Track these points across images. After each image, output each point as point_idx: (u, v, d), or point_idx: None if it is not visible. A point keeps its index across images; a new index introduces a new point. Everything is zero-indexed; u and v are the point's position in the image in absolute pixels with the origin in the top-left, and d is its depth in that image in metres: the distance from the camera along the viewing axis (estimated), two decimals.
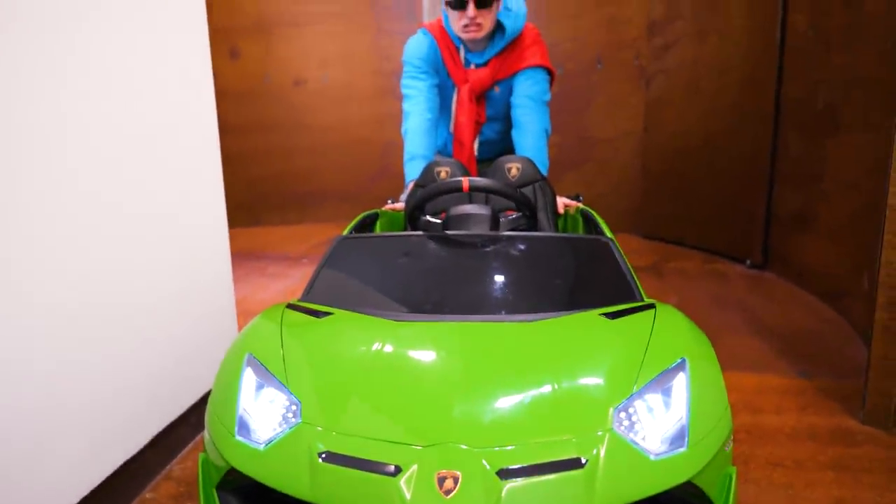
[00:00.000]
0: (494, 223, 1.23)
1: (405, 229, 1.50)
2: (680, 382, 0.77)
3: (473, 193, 1.37)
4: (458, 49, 1.88)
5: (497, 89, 1.87)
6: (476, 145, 1.93)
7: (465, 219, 1.24)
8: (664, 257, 2.73)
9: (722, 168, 2.70)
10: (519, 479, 0.67)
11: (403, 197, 1.65)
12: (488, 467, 0.67)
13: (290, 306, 0.98)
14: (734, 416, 1.17)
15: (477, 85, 1.85)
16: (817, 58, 2.13)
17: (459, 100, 1.88)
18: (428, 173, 1.54)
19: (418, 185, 1.55)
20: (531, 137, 1.79)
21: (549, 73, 1.88)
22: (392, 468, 0.68)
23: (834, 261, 1.98)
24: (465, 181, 1.23)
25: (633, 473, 0.69)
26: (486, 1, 1.74)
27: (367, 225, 1.50)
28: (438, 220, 1.29)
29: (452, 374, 0.80)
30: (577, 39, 3.31)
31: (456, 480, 0.66)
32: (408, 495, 0.66)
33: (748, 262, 2.54)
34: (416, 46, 1.90)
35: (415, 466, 0.68)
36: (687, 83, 2.86)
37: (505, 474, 0.67)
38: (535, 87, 1.83)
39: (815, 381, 1.43)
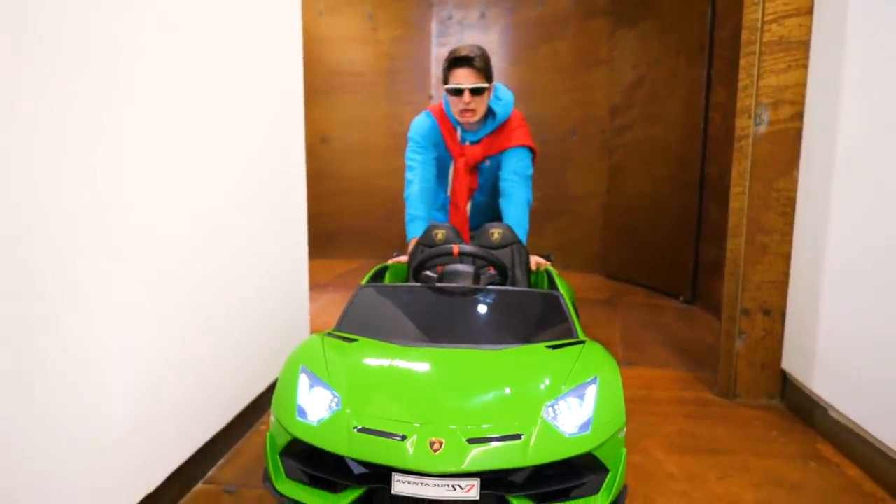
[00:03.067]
0: (476, 278, 1.63)
1: (408, 280, 1.86)
2: (591, 391, 1.11)
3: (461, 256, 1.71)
4: (455, 128, 2.22)
5: (487, 162, 2.24)
6: (469, 208, 2.31)
7: (455, 274, 1.64)
8: (617, 293, 3.44)
9: (663, 224, 3.44)
10: (481, 444, 1.00)
11: (409, 250, 1.99)
12: (462, 437, 1.00)
13: (328, 334, 1.34)
14: (642, 391, 1.88)
15: (471, 159, 2.21)
16: (728, 146, 2.88)
17: (456, 170, 2.24)
18: (428, 234, 1.89)
19: (420, 243, 1.90)
20: (515, 206, 2.16)
21: (532, 151, 2.24)
22: (401, 436, 1.01)
23: None
24: (456, 248, 1.64)
25: (553, 445, 1.02)
26: (479, 90, 2.07)
27: (379, 275, 1.87)
28: (435, 274, 1.71)
29: (441, 380, 1.16)
30: (557, 115, 4.09)
31: (441, 444, 0.99)
32: (410, 451, 0.99)
33: (681, 297, 3.25)
34: (420, 125, 2.24)
35: (415, 435, 1.00)
36: (639, 156, 3.62)
37: (472, 441, 1.00)
38: (520, 163, 2.18)
39: (695, 374, 2.11)
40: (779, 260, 1.85)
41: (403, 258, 1.99)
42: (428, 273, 1.72)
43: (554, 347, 1.27)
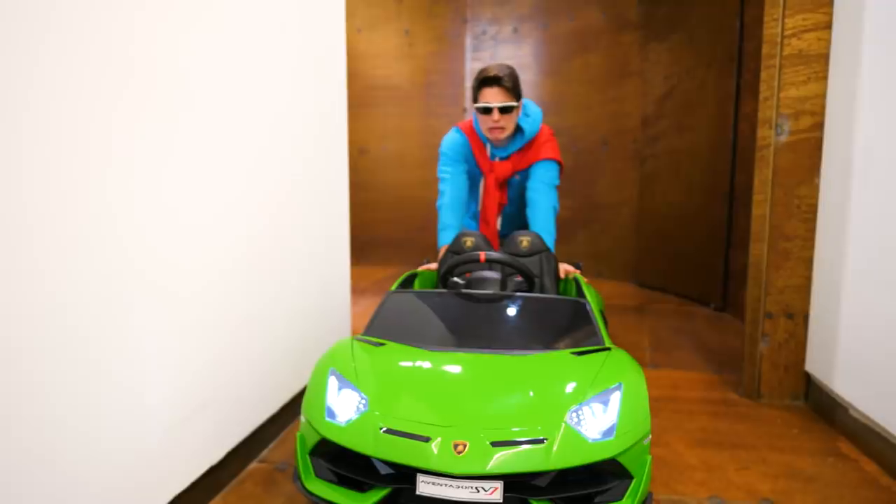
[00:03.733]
0: (503, 285, 1.69)
1: (437, 286, 1.91)
2: (615, 398, 1.13)
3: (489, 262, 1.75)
4: (485, 145, 2.29)
5: (517, 177, 2.32)
6: (499, 221, 2.39)
7: (482, 281, 1.70)
8: (649, 300, 3.50)
9: (694, 233, 3.49)
10: (504, 447, 1.02)
11: (440, 257, 2.05)
12: (486, 440, 1.02)
13: (357, 338, 1.39)
14: (668, 391, 1.96)
15: (501, 175, 2.27)
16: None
17: (486, 187, 2.31)
18: (457, 241, 1.94)
19: (450, 250, 1.94)
20: (542, 214, 2.21)
21: (559, 164, 2.30)
22: (426, 438, 1.03)
23: None
24: (483, 255, 1.67)
25: (577, 450, 1.03)
26: (508, 108, 2.12)
27: (408, 281, 1.91)
28: (462, 281, 1.73)
29: (467, 384, 1.18)
30: (588, 125, 4.18)
31: (465, 446, 1.01)
32: (435, 452, 1.01)
33: (712, 305, 3.30)
34: (451, 141, 2.32)
35: (440, 437, 1.03)
36: (669, 166, 3.69)
37: (496, 444, 1.02)
38: (547, 174, 2.25)
39: (721, 376, 2.18)
40: (801, 264, 1.91)
41: (433, 265, 2.06)
42: (456, 279, 1.77)
43: (579, 354, 1.29)
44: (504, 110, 2.13)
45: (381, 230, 4.70)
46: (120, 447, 1.05)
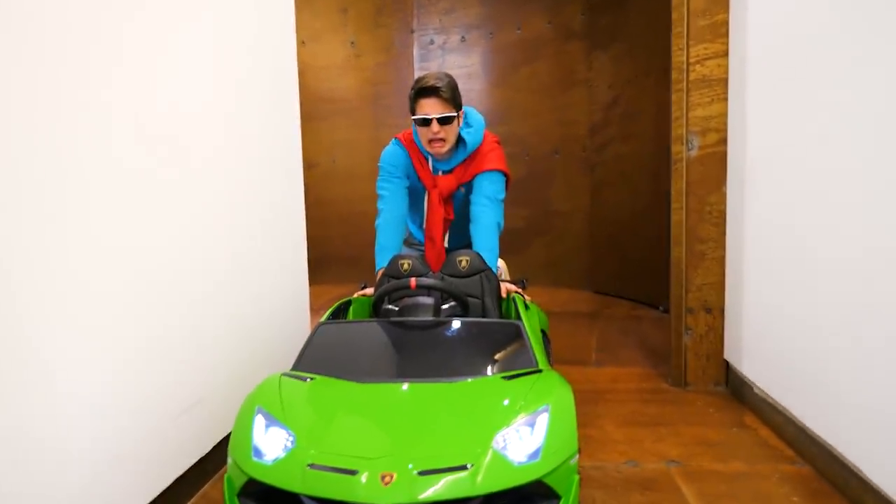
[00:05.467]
0: (437, 310, 1.82)
1: (372, 314, 2.04)
2: (542, 420, 1.26)
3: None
4: (426, 158, 2.40)
5: (462, 190, 2.46)
6: (447, 237, 2.52)
7: (415, 307, 1.83)
8: (603, 306, 4.01)
9: (642, 237, 4.03)
10: (431, 476, 1.13)
11: (376, 282, 2.18)
12: (413, 470, 1.13)
13: (285, 374, 1.52)
14: (607, 384, 2.43)
15: (445, 190, 2.39)
16: None
17: (430, 202, 2.43)
18: (393, 264, 2.08)
19: (385, 273, 2.09)
20: (483, 231, 2.31)
21: (505, 175, 2.41)
22: (353, 471, 1.14)
23: None
24: (413, 282, 1.85)
25: (502, 474, 1.15)
26: (447, 119, 2.23)
27: (342, 310, 2.03)
28: (396, 308, 1.89)
29: (397, 415, 1.32)
30: (539, 134, 4.70)
31: (392, 477, 1.12)
32: (362, 485, 1.12)
33: (661, 307, 3.83)
34: (390, 155, 2.43)
35: (368, 470, 1.13)
36: (617, 173, 4.23)
37: (423, 473, 1.13)
38: (492, 186, 2.36)
39: (658, 370, 2.68)
40: (715, 264, 2.42)
41: (370, 290, 2.19)
42: (389, 307, 1.92)
43: (510, 378, 1.44)
44: (443, 121, 2.24)
45: (334, 247, 5.11)
46: (146, 436, 1.45)
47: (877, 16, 1.45)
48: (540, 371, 1.50)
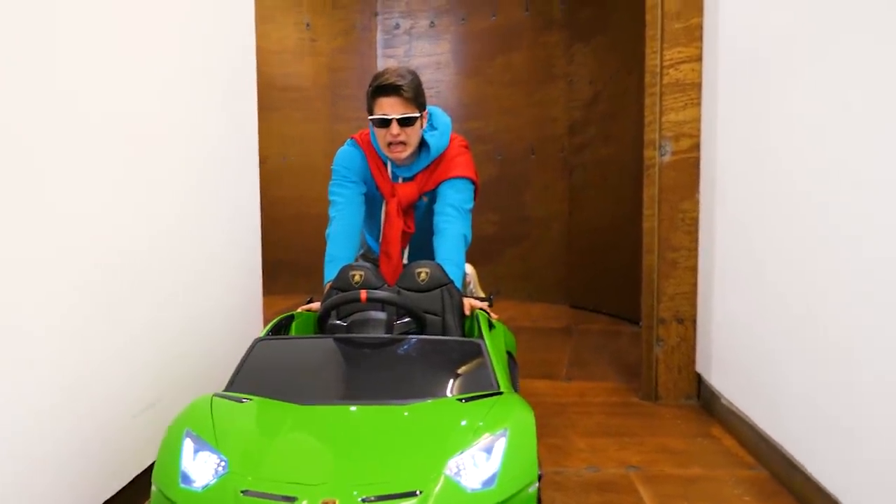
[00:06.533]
0: (389, 327, 1.94)
1: (317, 330, 2.14)
2: (500, 445, 1.36)
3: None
4: (384, 163, 2.51)
5: (424, 199, 2.58)
6: (406, 252, 2.63)
7: (364, 323, 1.93)
8: (578, 321, 4.38)
9: (623, 247, 4.40)
10: (376, 503, 1.22)
11: (324, 295, 2.29)
12: (357, 497, 1.22)
13: (218, 395, 1.60)
14: (575, 398, 2.78)
15: (405, 199, 2.50)
16: None
17: (387, 213, 2.54)
18: (342, 276, 2.17)
19: (333, 286, 2.18)
20: (448, 244, 2.41)
21: (473, 183, 2.56)
22: (292, 497, 1.22)
23: None
24: (364, 294, 1.93)
25: (454, 501, 1.25)
26: (409, 120, 2.34)
27: (284, 326, 2.13)
28: (344, 323, 1.99)
29: (342, 439, 1.43)
30: (514, 132, 5.07)
31: None
32: None
33: (641, 323, 4.20)
34: (346, 157, 2.54)
35: (307, 498, 1.22)
36: (598, 176, 4.62)
37: (367, 500, 1.22)
38: (458, 195, 2.49)
39: (630, 385, 3.04)
40: (687, 273, 2.79)
41: (316, 305, 2.28)
42: (337, 322, 2.03)
43: (467, 400, 1.56)
44: (404, 122, 2.35)
45: (286, 254, 5.40)
46: (101, 436, 1.73)
47: (849, 19, 1.74)
48: (500, 393, 1.62)
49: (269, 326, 2.04)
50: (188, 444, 1.40)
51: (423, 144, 2.50)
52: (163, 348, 2.06)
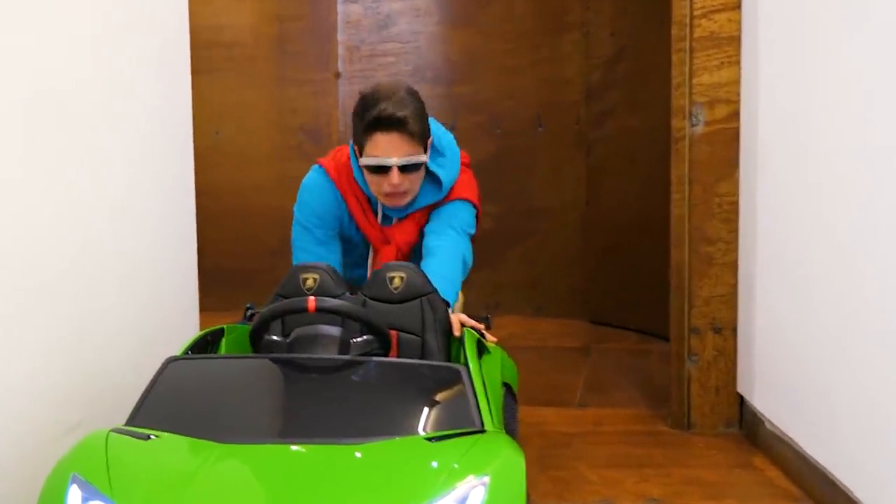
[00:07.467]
0: (343, 346, 1.98)
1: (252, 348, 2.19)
2: (477, 494, 1.41)
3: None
4: (369, 202, 2.65)
5: (418, 236, 2.72)
6: None
7: (311, 340, 1.97)
8: (598, 339, 4.70)
9: (657, 245, 4.68)
10: None
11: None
12: None
13: (115, 430, 1.65)
14: (588, 427, 3.12)
15: (404, 245, 2.63)
16: None
17: (381, 259, 2.67)
18: (291, 280, 2.25)
19: (278, 293, 2.25)
20: (443, 261, 2.51)
21: (475, 207, 2.75)
22: None
23: None
24: (312, 302, 1.96)
25: None
26: (414, 166, 2.46)
27: (210, 342, 2.20)
28: (283, 340, 2.05)
29: (274, 489, 1.48)
30: (515, 98, 5.31)
31: None
32: None
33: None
34: (312, 197, 2.66)
35: None
36: (623, 154, 4.88)
37: None
38: (458, 214, 2.65)
39: (657, 412, 3.35)
40: (726, 271, 3.10)
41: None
42: (274, 338, 2.10)
43: (438, 439, 1.65)
44: (408, 168, 2.49)
45: (220, 257, 5.59)
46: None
47: None
48: (482, 431, 1.70)
49: (189, 342, 2.12)
50: (74, 493, 1.45)
51: (427, 177, 2.64)
52: (84, 363, 2.34)
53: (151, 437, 1.64)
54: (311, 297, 2.00)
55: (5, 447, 1.98)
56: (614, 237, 5.02)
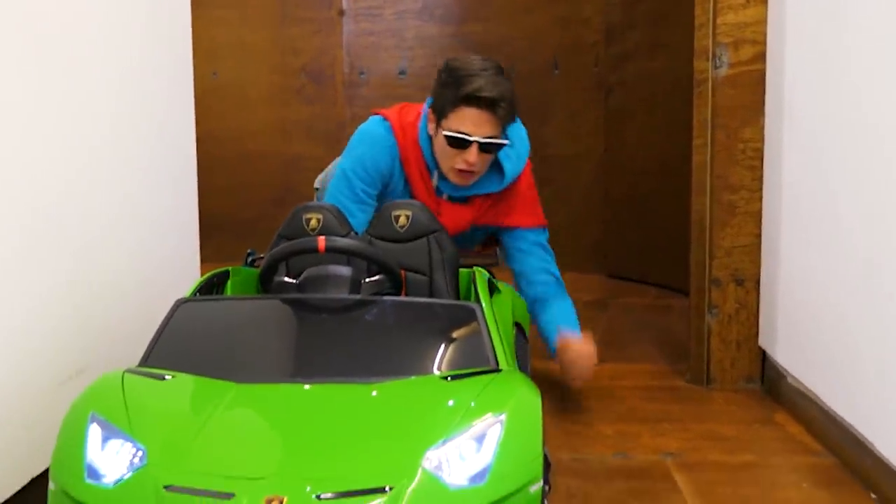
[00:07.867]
0: (354, 286, 2.05)
1: (257, 289, 2.28)
2: (493, 433, 1.47)
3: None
4: (430, 172, 2.72)
5: (469, 229, 2.85)
6: None
7: (321, 280, 2.04)
8: (616, 294, 4.80)
9: (680, 197, 4.76)
10: (336, 501, 1.34)
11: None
12: (311, 493, 1.33)
13: (130, 370, 1.72)
14: (604, 382, 3.21)
15: (452, 226, 2.64)
16: None
17: None
18: (294, 220, 2.30)
19: (280, 234, 2.31)
20: (559, 306, 2.87)
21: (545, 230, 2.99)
22: (228, 494, 1.33)
23: None
24: (322, 241, 2.02)
25: (434, 500, 1.38)
26: (494, 147, 2.58)
27: (216, 284, 2.26)
28: (295, 281, 2.12)
29: (289, 424, 1.57)
30: (529, 38, 5.39)
31: (282, 502, 1.31)
32: None
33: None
34: (371, 149, 2.72)
35: (247, 493, 1.33)
36: (644, 98, 4.96)
37: (323, 497, 1.33)
38: (547, 256, 3.03)
39: (674, 367, 3.45)
40: (749, 220, 3.19)
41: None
42: (284, 279, 2.18)
43: (454, 378, 1.72)
44: (487, 148, 2.61)
45: (219, 206, 5.68)
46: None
47: None
48: (498, 371, 1.78)
49: (196, 284, 2.17)
50: (94, 431, 1.50)
51: (493, 165, 2.77)
52: (84, 308, 2.44)
53: (166, 377, 1.71)
54: (321, 237, 2.07)
55: (7, 392, 2.06)
56: (634, 187, 5.12)
